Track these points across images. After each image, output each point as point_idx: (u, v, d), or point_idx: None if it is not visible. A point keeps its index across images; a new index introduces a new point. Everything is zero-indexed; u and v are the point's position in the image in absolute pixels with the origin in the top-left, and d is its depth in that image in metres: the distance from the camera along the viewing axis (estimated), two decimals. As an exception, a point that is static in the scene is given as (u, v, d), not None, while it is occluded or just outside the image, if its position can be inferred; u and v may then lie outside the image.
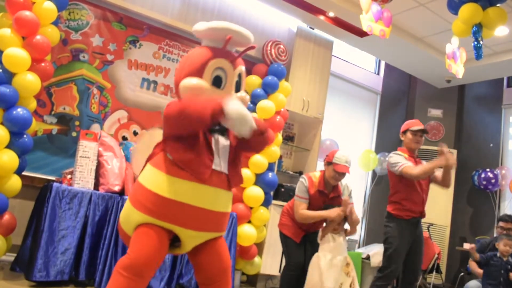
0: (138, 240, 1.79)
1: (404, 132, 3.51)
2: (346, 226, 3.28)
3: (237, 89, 1.97)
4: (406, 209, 3.35)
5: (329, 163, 3.25)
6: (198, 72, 1.86)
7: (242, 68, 1.99)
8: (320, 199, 3.26)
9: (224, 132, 1.97)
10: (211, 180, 1.84)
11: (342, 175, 3.23)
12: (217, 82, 1.88)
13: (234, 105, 1.66)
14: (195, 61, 1.89)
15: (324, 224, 3.25)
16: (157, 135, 2.10)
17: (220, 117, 1.67)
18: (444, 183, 3.42)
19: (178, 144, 1.83)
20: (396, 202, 3.41)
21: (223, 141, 1.96)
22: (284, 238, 3.41)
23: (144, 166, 1.95)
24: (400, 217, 3.36)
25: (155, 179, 1.83)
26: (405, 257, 3.38)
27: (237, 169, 2.02)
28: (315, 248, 3.35)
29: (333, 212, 3.14)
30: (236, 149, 2.01)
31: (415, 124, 3.49)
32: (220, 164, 1.91)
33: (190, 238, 1.87)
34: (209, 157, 1.85)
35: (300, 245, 3.34)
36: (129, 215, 1.88)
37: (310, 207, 3.26)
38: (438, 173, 3.42)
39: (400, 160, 3.34)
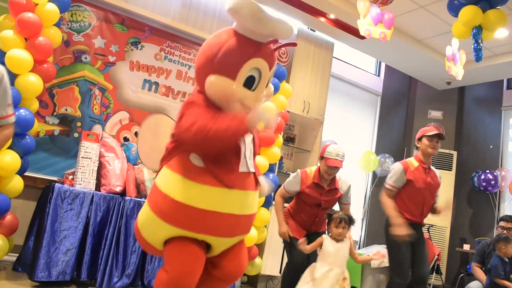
0: (176, 257, 1.72)
1: (420, 138, 3.47)
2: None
3: (266, 84, 1.85)
4: (403, 216, 3.36)
5: (321, 157, 3.29)
6: (233, 70, 1.71)
7: (275, 66, 1.87)
8: (316, 191, 3.29)
9: None
10: (238, 183, 1.74)
11: (334, 169, 3.22)
12: (249, 82, 1.75)
13: (256, 118, 1.63)
14: (232, 56, 1.71)
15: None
16: (163, 121, 2.04)
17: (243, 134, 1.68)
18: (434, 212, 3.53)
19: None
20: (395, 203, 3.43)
21: (248, 139, 1.85)
22: None
23: (160, 169, 1.85)
24: None
25: (180, 187, 1.71)
26: (411, 263, 3.38)
27: (256, 164, 1.93)
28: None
29: (281, 229, 3.29)
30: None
31: (430, 130, 3.46)
32: (247, 164, 1.80)
33: (222, 244, 1.82)
34: (235, 160, 1.76)
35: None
36: (156, 229, 1.77)
37: (307, 200, 3.29)
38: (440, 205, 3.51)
39: (392, 177, 3.39)
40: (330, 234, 3.06)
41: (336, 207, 3.47)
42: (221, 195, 1.70)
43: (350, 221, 3.02)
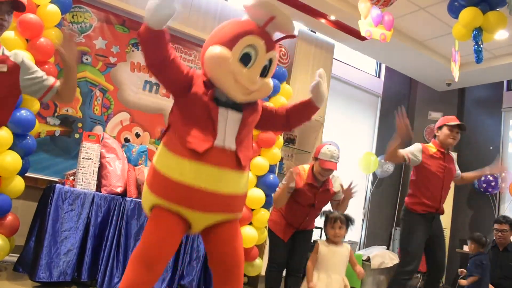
0: (149, 228, 1.80)
1: (440, 127, 3.49)
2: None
3: (264, 74, 1.89)
4: (421, 203, 3.38)
5: (315, 158, 3.20)
6: (230, 42, 1.77)
7: (275, 53, 1.90)
8: (310, 192, 3.23)
9: (239, 107, 1.87)
10: (213, 159, 1.76)
11: (328, 171, 3.15)
12: (245, 59, 1.78)
13: (149, 15, 1.67)
14: (229, 30, 1.81)
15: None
16: None
17: (147, 30, 1.69)
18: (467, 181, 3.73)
19: (180, 116, 1.82)
20: (413, 194, 3.45)
21: (233, 116, 1.85)
22: (271, 235, 3.39)
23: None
24: (415, 211, 3.39)
25: (162, 159, 1.83)
26: (428, 254, 3.43)
27: (246, 145, 1.92)
28: (304, 248, 3.33)
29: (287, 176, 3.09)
30: (265, 126, 2.05)
31: (452, 119, 3.46)
32: (224, 140, 1.80)
33: (198, 220, 1.83)
34: (211, 132, 1.78)
35: (287, 244, 3.31)
36: (145, 196, 1.90)
37: (300, 200, 3.24)
38: (466, 174, 3.65)
39: (410, 148, 3.43)
40: (327, 237, 2.99)
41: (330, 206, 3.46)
42: (192, 168, 1.74)
43: (347, 220, 2.95)
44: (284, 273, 3.41)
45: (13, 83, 2.02)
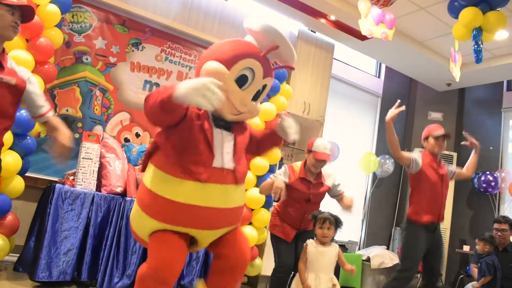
0: (157, 248, 1.75)
1: (426, 138, 3.58)
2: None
3: (256, 98, 1.86)
4: (424, 211, 3.40)
5: (309, 151, 3.30)
6: (229, 61, 1.74)
7: (270, 80, 1.89)
8: (303, 186, 3.27)
9: (228, 127, 1.87)
10: (214, 178, 1.76)
11: (322, 162, 3.25)
12: (240, 80, 1.76)
13: (183, 89, 1.53)
14: (231, 49, 1.78)
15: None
16: None
17: (170, 102, 1.56)
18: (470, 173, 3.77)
19: (175, 138, 1.77)
20: (414, 205, 3.48)
21: (226, 136, 1.86)
22: (274, 239, 3.39)
23: (145, 164, 1.90)
24: (418, 222, 3.42)
25: (161, 182, 1.77)
26: (425, 260, 3.48)
27: (243, 164, 1.93)
28: None
29: (277, 182, 3.05)
30: (246, 149, 1.98)
31: (436, 129, 3.54)
32: (223, 160, 1.81)
33: (206, 237, 1.84)
34: (209, 155, 1.77)
35: (291, 245, 3.32)
36: (142, 222, 1.82)
37: (296, 196, 3.27)
38: (462, 170, 3.75)
39: (413, 154, 3.52)
40: (315, 238, 2.97)
41: (331, 205, 3.46)
42: (196, 188, 1.73)
43: (336, 222, 2.91)
44: None
45: (17, 96, 2.17)
